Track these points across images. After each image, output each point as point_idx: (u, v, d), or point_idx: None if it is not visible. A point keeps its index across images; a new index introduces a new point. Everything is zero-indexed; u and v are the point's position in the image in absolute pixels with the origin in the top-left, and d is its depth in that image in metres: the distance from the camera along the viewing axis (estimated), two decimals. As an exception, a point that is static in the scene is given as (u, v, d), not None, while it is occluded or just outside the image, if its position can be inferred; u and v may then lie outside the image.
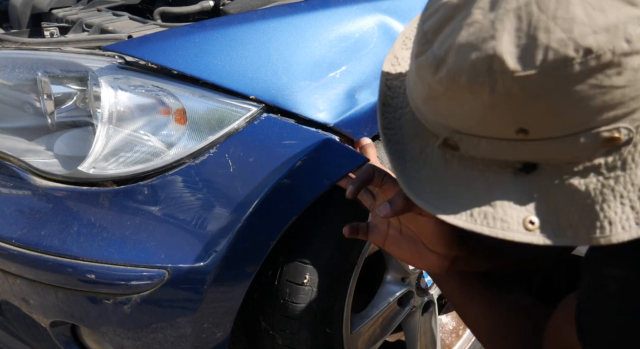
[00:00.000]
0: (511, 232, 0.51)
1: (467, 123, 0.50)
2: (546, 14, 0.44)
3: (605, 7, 0.43)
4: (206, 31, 0.99)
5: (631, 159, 0.48)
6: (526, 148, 0.49)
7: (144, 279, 0.90)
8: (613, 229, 0.48)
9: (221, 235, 0.90)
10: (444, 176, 0.56)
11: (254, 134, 0.91)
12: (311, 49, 0.97)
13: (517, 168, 0.52)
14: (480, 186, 0.53)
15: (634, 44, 0.43)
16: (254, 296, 1.08)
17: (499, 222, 0.52)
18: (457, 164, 0.55)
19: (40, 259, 0.93)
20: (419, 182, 0.57)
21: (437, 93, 0.51)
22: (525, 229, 0.51)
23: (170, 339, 0.97)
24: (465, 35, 0.47)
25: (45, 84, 0.98)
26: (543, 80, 0.44)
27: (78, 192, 0.94)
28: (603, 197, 0.49)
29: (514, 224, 0.51)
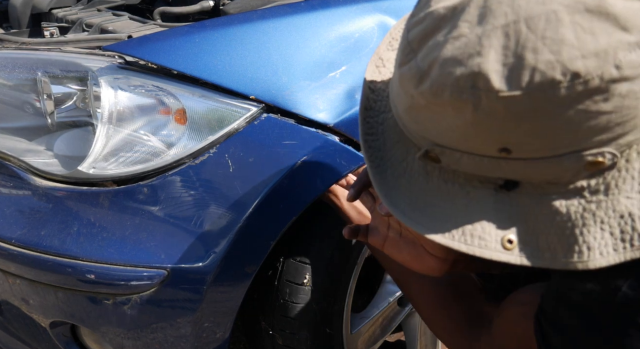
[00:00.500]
0: (489, 250, 0.50)
1: (449, 137, 0.49)
2: (535, 33, 0.43)
3: (597, 30, 0.42)
4: (206, 31, 0.99)
5: (614, 185, 0.47)
6: (508, 166, 0.48)
7: (143, 280, 0.90)
8: (591, 255, 0.47)
9: (221, 235, 0.89)
10: (424, 187, 0.54)
11: (254, 134, 0.91)
12: (311, 49, 0.97)
13: (499, 185, 0.51)
14: (460, 200, 0.52)
15: (623, 70, 0.42)
16: (254, 296, 1.08)
17: (477, 239, 0.51)
18: (437, 175, 0.54)
19: (40, 259, 0.93)
20: (398, 192, 0.56)
21: (419, 105, 0.50)
22: (504, 247, 0.50)
23: (170, 339, 0.97)
24: (451, 49, 0.46)
25: (45, 84, 0.98)
26: (528, 102, 0.43)
27: (78, 192, 0.94)
28: (583, 222, 0.48)
29: (492, 242, 0.50)
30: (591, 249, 0.47)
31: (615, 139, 0.45)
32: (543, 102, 0.43)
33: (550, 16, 0.42)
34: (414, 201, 0.54)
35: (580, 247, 0.48)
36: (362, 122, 0.62)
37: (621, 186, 0.47)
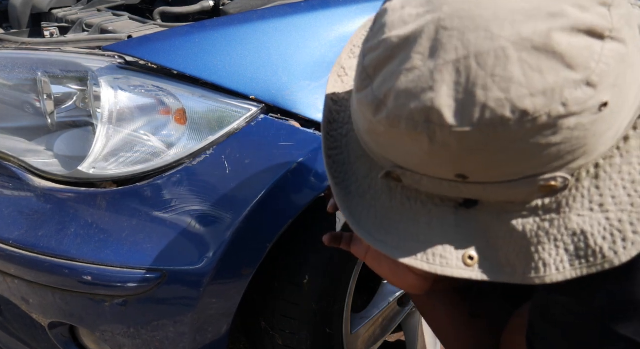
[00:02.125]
0: (450, 268, 0.51)
1: (408, 161, 0.50)
2: (484, 70, 0.43)
3: (544, 68, 0.42)
4: (206, 31, 0.99)
5: (565, 203, 0.48)
6: (467, 189, 0.49)
7: (140, 281, 0.90)
8: (547, 270, 0.48)
9: (218, 237, 0.89)
10: (387, 205, 0.55)
11: (251, 135, 0.91)
12: (311, 49, 0.97)
13: (459, 203, 0.52)
14: (422, 218, 0.53)
15: (570, 107, 0.43)
16: (254, 296, 1.08)
17: (438, 258, 0.51)
18: (400, 193, 0.55)
19: (38, 261, 0.93)
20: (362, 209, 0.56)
21: (378, 130, 0.50)
22: (465, 264, 0.51)
23: (168, 340, 0.97)
24: (405, 82, 0.46)
25: (45, 84, 0.98)
26: (479, 137, 0.44)
27: (75, 193, 0.94)
28: (538, 239, 0.49)
29: (453, 259, 0.51)
30: (547, 266, 0.48)
31: (566, 165, 0.47)
32: (494, 137, 0.44)
33: (498, 53, 0.43)
34: (378, 219, 0.55)
35: (536, 263, 0.49)
36: (325, 136, 0.62)
37: (572, 204, 0.48)
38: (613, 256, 0.47)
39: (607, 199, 0.48)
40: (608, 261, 0.47)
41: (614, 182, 0.48)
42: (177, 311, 0.93)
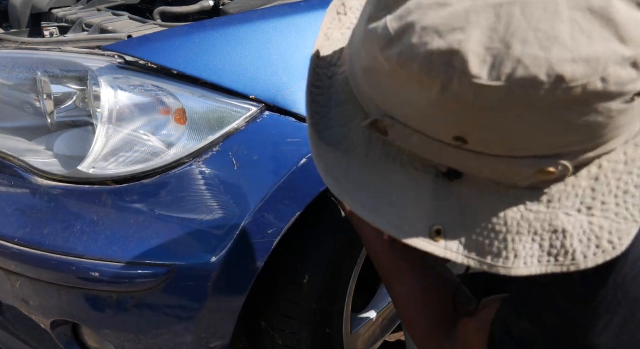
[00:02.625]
0: (416, 238, 0.47)
1: (405, 112, 0.45)
2: (528, 21, 0.39)
3: (594, 35, 0.39)
4: (206, 31, 0.99)
5: (557, 199, 0.46)
6: (458, 156, 0.45)
7: (148, 277, 0.90)
8: (516, 262, 0.46)
9: (226, 232, 0.90)
10: (363, 160, 0.50)
11: (258, 132, 0.91)
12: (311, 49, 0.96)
13: (442, 172, 0.48)
14: (397, 179, 0.49)
15: (609, 85, 0.39)
16: (254, 296, 1.08)
17: (407, 225, 0.48)
18: (380, 148, 0.50)
19: (44, 258, 0.93)
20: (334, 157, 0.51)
21: (381, 70, 0.45)
22: (431, 237, 0.47)
23: (174, 337, 0.97)
24: (432, 17, 0.41)
25: (45, 84, 0.98)
26: (502, 96, 0.39)
27: (80, 191, 0.94)
28: (518, 229, 0.46)
29: (421, 230, 0.47)
30: (518, 258, 0.46)
31: (575, 155, 0.44)
32: (518, 99, 0.39)
33: (549, 6, 0.39)
34: (350, 171, 0.50)
35: (508, 253, 0.46)
36: (311, 71, 0.56)
37: (564, 201, 0.46)
38: (582, 260, 0.45)
39: (597, 203, 0.46)
40: (575, 264, 0.45)
41: (609, 188, 0.46)
42: (184, 306, 0.93)
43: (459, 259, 0.47)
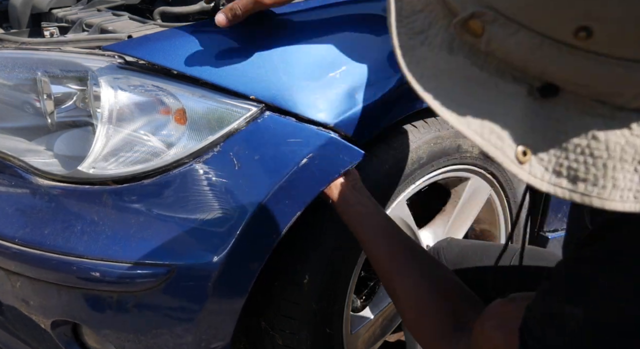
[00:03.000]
0: (502, 154, 0.42)
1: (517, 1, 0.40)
2: None
3: None
4: (206, 31, 0.99)
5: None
6: (569, 59, 0.39)
7: (148, 277, 0.90)
8: (613, 194, 0.41)
9: (227, 232, 0.90)
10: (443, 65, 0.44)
11: (258, 132, 0.91)
12: (311, 49, 0.97)
13: (535, 86, 0.42)
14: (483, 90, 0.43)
15: None
16: (254, 296, 1.08)
17: (495, 137, 0.42)
18: (464, 55, 0.43)
19: (44, 258, 0.93)
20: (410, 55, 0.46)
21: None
22: (517, 158, 0.42)
23: (174, 337, 0.97)
24: None
25: (45, 84, 0.98)
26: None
27: (81, 191, 0.94)
28: (622, 155, 0.41)
29: (507, 146, 0.42)
30: (615, 188, 0.41)
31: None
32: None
33: None
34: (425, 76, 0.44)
35: (605, 181, 0.41)
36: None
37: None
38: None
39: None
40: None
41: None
42: (184, 306, 0.94)
43: (543, 186, 0.42)
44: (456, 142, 1.21)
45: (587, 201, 0.42)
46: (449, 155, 1.21)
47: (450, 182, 1.36)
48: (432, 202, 1.46)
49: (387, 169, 1.09)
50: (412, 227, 1.25)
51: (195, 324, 0.95)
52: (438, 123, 1.18)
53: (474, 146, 1.26)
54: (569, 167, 0.42)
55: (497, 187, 1.40)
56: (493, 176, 1.37)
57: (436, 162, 1.19)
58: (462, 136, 1.22)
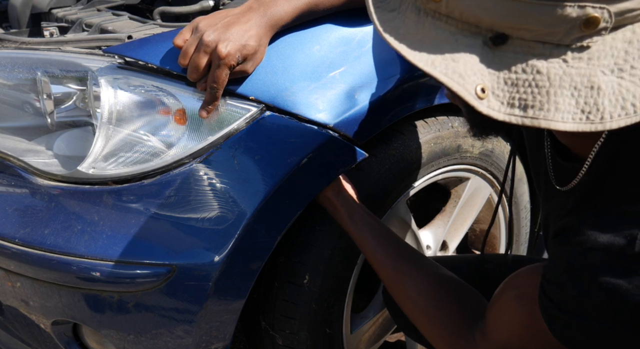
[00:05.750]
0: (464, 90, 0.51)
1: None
2: None
3: None
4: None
5: (597, 57, 0.49)
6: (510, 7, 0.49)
7: (149, 276, 0.90)
8: (556, 116, 0.49)
9: (227, 232, 0.90)
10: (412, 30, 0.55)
11: (258, 133, 0.91)
12: (311, 49, 0.97)
13: (488, 37, 0.51)
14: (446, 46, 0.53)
15: None
16: (254, 296, 1.08)
17: (457, 75, 0.51)
18: (430, 22, 0.54)
19: (44, 258, 0.93)
20: (389, 25, 0.56)
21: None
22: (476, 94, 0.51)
23: (174, 336, 0.97)
24: None
25: (45, 84, 0.98)
26: None
27: (80, 191, 0.94)
28: (560, 82, 0.50)
29: (469, 84, 0.51)
30: (557, 111, 0.49)
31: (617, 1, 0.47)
32: None
33: None
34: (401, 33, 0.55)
35: (549, 105, 0.50)
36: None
37: (602, 59, 0.50)
38: (608, 120, 0.48)
39: (627, 66, 0.49)
40: (602, 123, 0.48)
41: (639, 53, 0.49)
42: (185, 306, 0.94)
43: (500, 116, 0.51)
44: (456, 142, 1.21)
45: (535, 124, 0.50)
46: (449, 155, 1.21)
47: (450, 182, 1.36)
48: (432, 202, 1.46)
49: (387, 169, 1.09)
50: (412, 227, 1.25)
51: (195, 324, 0.95)
52: (438, 123, 1.18)
53: (474, 145, 1.26)
54: (519, 99, 0.51)
55: (497, 187, 1.40)
56: (493, 176, 1.37)
57: (436, 162, 1.19)
58: (462, 136, 1.22)
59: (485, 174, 1.35)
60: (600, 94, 0.49)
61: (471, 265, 1.07)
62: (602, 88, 0.49)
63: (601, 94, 0.49)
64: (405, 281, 0.85)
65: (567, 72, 0.50)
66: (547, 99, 0.50)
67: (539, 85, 0.50)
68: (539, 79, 0.50)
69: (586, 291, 0.56)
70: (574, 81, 0.49)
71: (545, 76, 0.50)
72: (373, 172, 1.08)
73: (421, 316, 0.83)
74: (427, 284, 0.84)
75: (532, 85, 0.50)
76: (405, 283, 0.85)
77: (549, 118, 0.49)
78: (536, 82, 0.50)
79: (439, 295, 0.82)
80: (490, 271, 0.99)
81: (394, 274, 0.88)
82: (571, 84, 0.49)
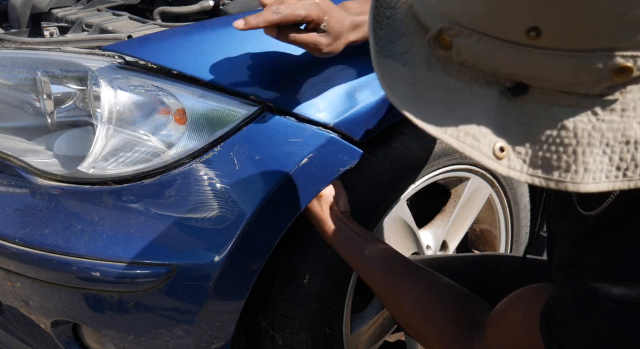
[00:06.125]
0: (479, 152, 0.46)
1: (473, 12, 0.44)
2: None
3: None
4: (206, 31, 0.99)
5: (632, 107, 0.44)
6: (528, 58, 0.43)
7: (149, 276, 0.90)
8: (586, 177, 0.44)
9: (228, 231, 0.90)
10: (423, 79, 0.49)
11: (258, 132, 0.91)
12: (311, 49, 0.97)
13: (506, 87, 0.46)
14: (460, 97, 0.47)
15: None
16: (254, 296, 1.08)
17: (470, 138, 0.46)
18: (441, 70, 0.48)
19: (44, 258, 0.93)
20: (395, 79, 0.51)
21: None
22: (494, 154, 0.46)
23: (174, 336, 0.97)
24: None
25: (45, 84, 0.98)
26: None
27: (81, 191, 0.94)
28: (589, 140, 0.44)
29: (484, 145, 0.46)
30: (587, 172, 0.44)
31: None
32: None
33: None
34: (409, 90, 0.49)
35: (577, 167, 0.44)
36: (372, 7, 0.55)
37: (639, 110, 0.43)
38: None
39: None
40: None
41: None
42: (185, 306, 0.94)
43: (522, 177, 0.46)
44: (456, 142, 1.21)
45: (562, 187, 0.45)
46: (449, 155, 1.21)
47: (450, 182, 1.36)
48: (432, 202, 1.46)
49: (387, 169, 1.09)
50: (412, 227, 1.25)
51: (195, 324, 0.95)
52: (438, 123, 1.18)
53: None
54: (543, 158, 0.45)
55: (497, 187, 1.40)
56: (493, 176, 1.37)
57: (436, 162, 1.19)
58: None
59: (485, 174, 1.35)
60: (638, 149, 0.43)
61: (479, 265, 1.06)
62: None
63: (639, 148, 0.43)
64: (399, 296, 0.83)
65: (596, 128, 0.44)
66: (575, 159, 0.44)
67: (565, 143, 0.44)
68: (565, 136, 0.44)
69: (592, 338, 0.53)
70: (605, 137, 0.44)
71: (571, 132, 0.44)
72: (373, 172, 1.08)
73: (415, 330, 0.82)
74: (420, 298, 0.81)
75: (557, 143, 0.44)
76: (398, 298, 0.83)
77: (576, 181, 0.44)
78: (561, 139, 0.44)
79: (434, 308, 0.79)
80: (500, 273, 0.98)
81: (386, 289, 0.86)
82: (602, 140, 0.44)
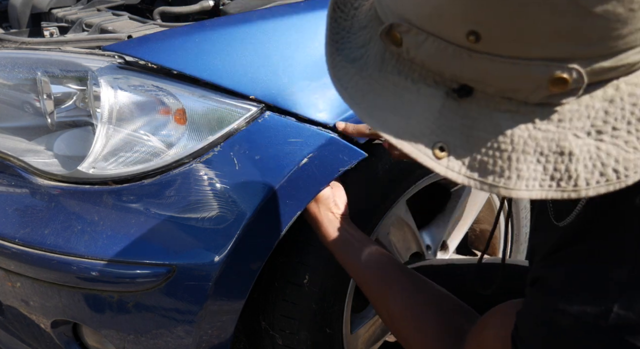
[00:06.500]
0: (417, 151, 0.46)
1: (421, 11, 0.45)
2: None
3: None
4: (206, 31, 0.99)
5: (569, 118, 0.44)
6: (471, 61, 0.44)
7: (149, 276, 0.90)
8: (518, 184, 0.44)
9: (227, 232, 0.90)
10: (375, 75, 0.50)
11: (259, 132, 0.91)
12: (311, 49, 0.97)
13: (452, 88, 0.46)
14: (407, 95, 0.48)
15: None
16: (254, 296, 1.08)
17: (409, 136, 0.47)
18: (393, 65, 0.49)
19: (44, 258, 0.93)
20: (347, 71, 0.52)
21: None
22: (433, 154, 0.46)
23: (174, 335, 0.97)
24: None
25: (45, 84, 0.98)
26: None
27: (81, 191, 0.94)
28: (524, 148, 0.44)
29: (423, 144, 0.46)
30: (520, 178, 0.44)
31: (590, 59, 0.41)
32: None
33: None
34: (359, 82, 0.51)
35: (510, 173, 0.44)
36: None
37: (575, 121, 0.44)
38: (583, 187, 0.43)
39: (608, 128, 0.43)
40: (576, 191, 0.43)
41: (623, 113, 0.43)
42: (185, 306, 0.94)
43: (459, 179, 0.46)
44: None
45: (495, 191, 0.45)
46: (449, 155, 1.21)
47: (450, 182, 1.36)
48: (432, 202, 1.46)
49: (387, 169, 1.09)
50: (412, 227, 1.25)
51: (195, 324, 0.95)
52: (438, 123, 1.18)
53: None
54: (480, 161, 0.46)
55: (497, 187, 1.40)
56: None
57: (436, 162, 1.19)
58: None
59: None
60: (573, 160, 0.43)
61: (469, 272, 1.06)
62: (575, 153, 0.43)
63: (574, 160, 0.43)
64: (389, 304, 0.83)
65: (532, 136, 0.44)
66: (509, 165, 0.44)
67: (502, 148, 0.45)
68: (502, 141, 0.45)
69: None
70: (539, 146, 0.44)
71: (508, 138, 0.44)
72: (373, 172, 1.08)
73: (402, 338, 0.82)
74: (410, 307, 0.81)
75: (495, 148, 0.45)
76: (388, 305, 0.83)
77: (509, 186, 0.44)
78: (499, 144, 0.45)
79: (421, 319, 0.79)
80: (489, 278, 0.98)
81: (377, 295, 0.86)
82: (536, 149, 0.44)
